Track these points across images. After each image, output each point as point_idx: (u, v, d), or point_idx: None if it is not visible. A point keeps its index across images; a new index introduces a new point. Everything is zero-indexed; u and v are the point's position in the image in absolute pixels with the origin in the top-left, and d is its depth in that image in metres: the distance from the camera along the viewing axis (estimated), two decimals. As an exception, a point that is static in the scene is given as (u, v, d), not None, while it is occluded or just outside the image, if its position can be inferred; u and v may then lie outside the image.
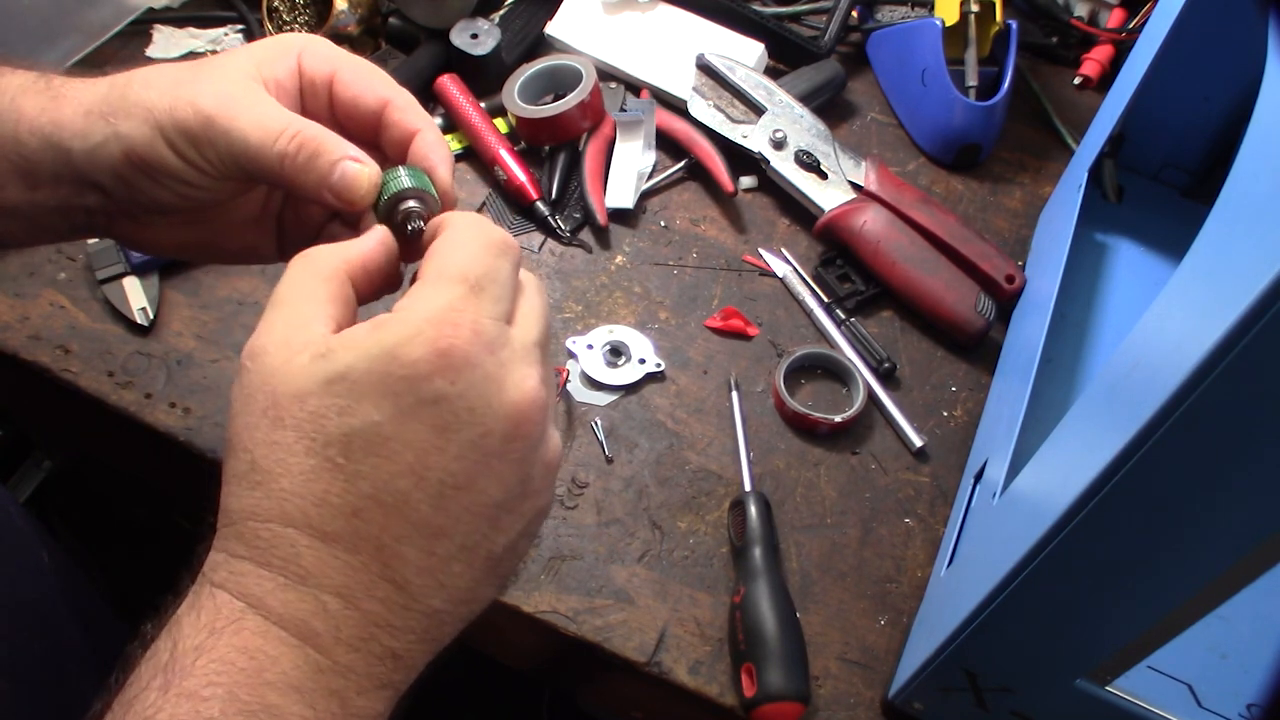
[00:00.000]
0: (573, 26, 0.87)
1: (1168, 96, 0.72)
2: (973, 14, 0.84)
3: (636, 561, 0.63)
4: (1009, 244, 0.82)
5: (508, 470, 0.38)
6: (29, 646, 0.52)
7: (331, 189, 0.44)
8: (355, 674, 0.36)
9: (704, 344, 0.73)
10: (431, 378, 0.36)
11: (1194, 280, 0.38)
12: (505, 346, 0.38)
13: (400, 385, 0.36)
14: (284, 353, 0.37)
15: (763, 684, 0.55)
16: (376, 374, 0.36)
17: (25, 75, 0.48)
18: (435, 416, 0.36)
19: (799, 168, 0.79)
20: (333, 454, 0.36)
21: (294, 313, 0.38)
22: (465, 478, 0.37)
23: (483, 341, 0.37)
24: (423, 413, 0.36)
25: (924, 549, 0.65)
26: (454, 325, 0.37)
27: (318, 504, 0.36)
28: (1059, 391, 0.66)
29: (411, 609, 0.37)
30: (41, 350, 0.66)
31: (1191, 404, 0.32)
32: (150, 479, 0.81)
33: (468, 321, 0.37)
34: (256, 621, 0.35)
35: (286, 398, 0.36)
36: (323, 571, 0.36)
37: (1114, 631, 0.43)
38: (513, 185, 0.77)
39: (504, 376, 0.37)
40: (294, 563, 0.36)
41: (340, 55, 0.48)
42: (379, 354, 0.36)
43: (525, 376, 0.38)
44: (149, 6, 0.85)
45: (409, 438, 0.36)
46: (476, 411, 0.37)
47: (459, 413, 0.36)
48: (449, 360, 0.36)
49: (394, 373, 0.36)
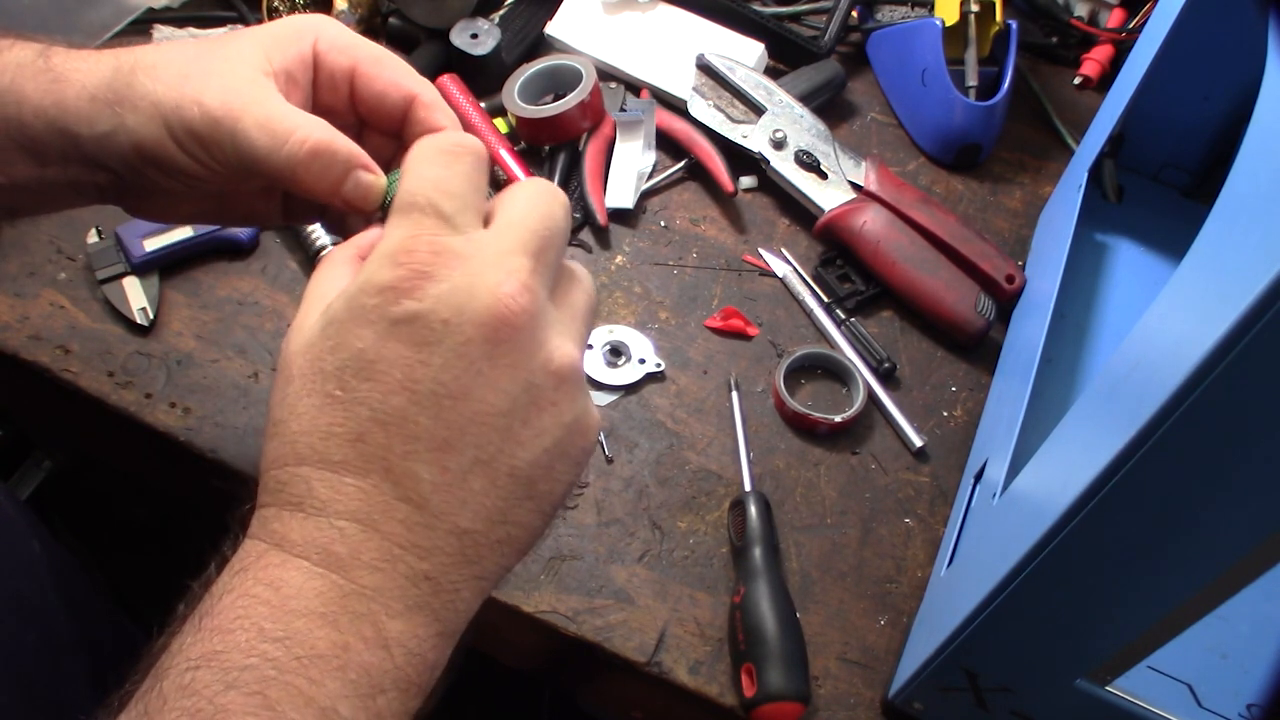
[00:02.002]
0: (573, 26, 0.87)
1: (1168, 96, 0.72)
2: (973, 14, 0.84)
3: (636, 561, 0.63)
4: (1009, 244, 0.82)
5: (502, 377, 0.37)
6: (21, 636, 0.52)
7: (343, 197, 0.45)
8: (383, 596, 0.36)
9: (704, 344, 0.73)
10: (399, 299, 0.37)
11: (1194, 280, 0.38)
12: (474, 255, 0.38)
13: (374, 312, 0.37)
14: (299, 324, 0.39)
15: (763, 684, 0.55)
16: (354, 307, 0.37)
17: (23, 50, 0.47)
18: (412, 333, 0.37)
19: (799, 168, 0.79)
20: (330, 388, 0.37)
21: (315, 297, 0.40)
22: (458, 387, 0.37)
23: (445, 255, 0.38)
24: (400, 331, 0.37)
25: (924, 549, 0.65)
26: (411, 247, 0.37)
27: (323, 437, 0.37)
28: (1059, 391, 0.66)
29: (436, 527, 0.37)
30: (41, 350, 0.66)
31: (1191, 404, 0.32)
32: (150, 479, 0.82)
33: (424, 241, 0.38)
34: (278, 555, 0.36)
35: (296, 355, 0.38)
36: (336, 499, 0.36)
37: (1114, 631, 0.43)
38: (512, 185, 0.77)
39: (474, 284, 0.37)
40: (309, 496, 0.36)
41: (359, 45, 0.48)
42: (354, 290, 0.38)
43: (500, 283, 0.37)
44: (149, 6, 0.85)
45: (392, 357, 0.37)
46: (450, 323, 0.37)
47: (433, 326, 0.37)
48: (412, 278, 0.37)
49: (367, 302, 0.37)
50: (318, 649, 0.34)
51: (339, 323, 0.38)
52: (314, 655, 0.34)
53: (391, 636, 0.36)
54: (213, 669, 0.33)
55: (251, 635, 0.34)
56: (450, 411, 0.37)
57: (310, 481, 0.37)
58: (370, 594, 0.36)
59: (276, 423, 0.38)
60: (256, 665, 0.33)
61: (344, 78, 0.47)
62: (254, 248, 0.72)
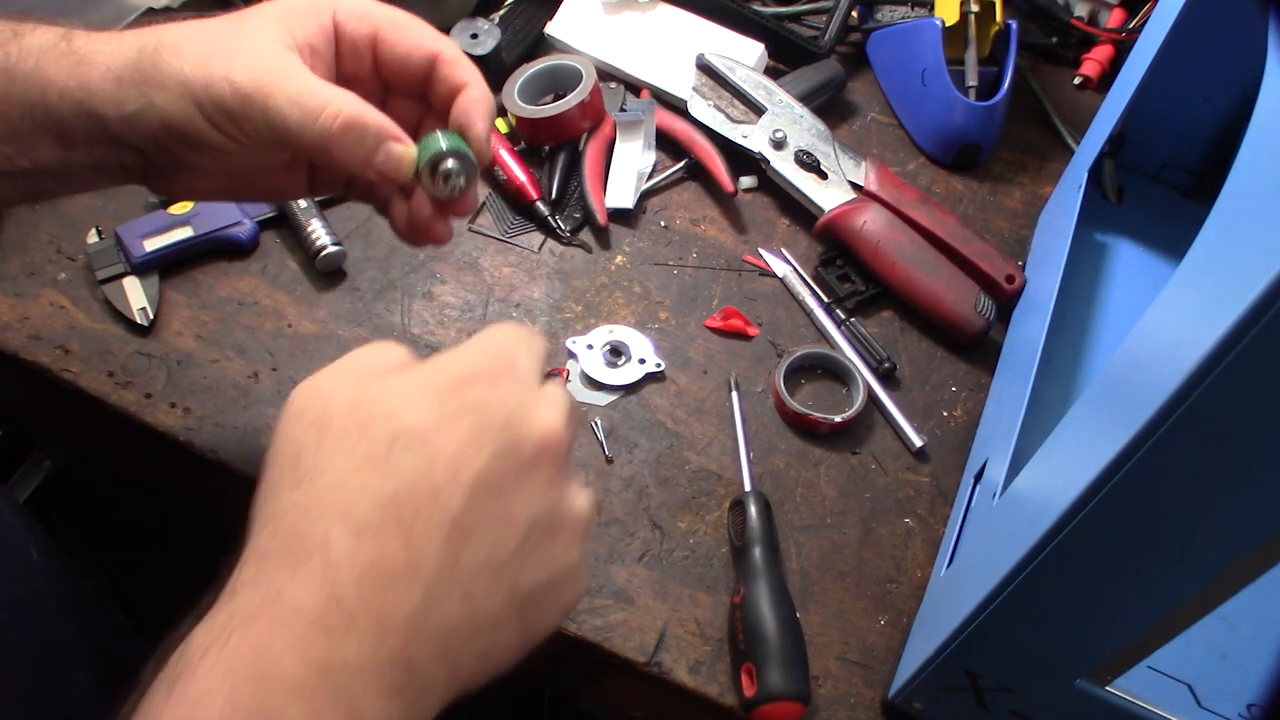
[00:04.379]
0: (573, 26, 0.87)
1: (1168, 96, 0.72)
2: (973, 14, 0.84)
3: (636, 561, 0.63)
4: (1009, 244, 0.82)
5: (534, 492, 0.39)
6: (19, 644, 0.52)
7: (376, 168, 0.46)
8: (363, 676, 0.35)
9: (704, 344, 0.73)
10: (474, 385, 0.39)
11: (1194, 280, 0.38)
12: (536, 389, 0.41)
13: (447, 392, 0.39)
14: (337, 381, 0.40)
15: (763, 684, 0.55)
16: (427, 382, 0.39)
17: (46, 34, 0.47)
18: (474, 421, 0.38)
19: (799, 168, 0.79)
20: (376, 450, 0.37)
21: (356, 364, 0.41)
22: (497, 483, 0.38)
23: (519, 374, 0.40)
24: (464, 417, 0.38)
25: (924, 549, 0.65)
26: (498, 353, 0.41)
27: (355, 495, 0.37)
28: (1059, 391, 0.66)
29: (430, 614, 0.37)
30: (41, 350, 0.66)
31: (1191, 404, 0.32)
32: (150, 479, 0.82)
33: (509, 356, 0.41)
34: (268, 617, 0.35)
35: (338, 410, 0.39)
36: (347, 560, 0.36)
37: (1114, 631, 0.43)
38: (513, 185, 0.77)
39: (535, 405, 0.40)
40: (322, 550, 0.36)
41: (378, 11, 0.48)
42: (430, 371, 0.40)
43: (553, 416, 0.40)
44: (149, 7, 0.85)
45: (449, 435, 0.38)
46: (511, 423, 0.39)
47: (495, 420, 0.38)
48: (490, 374, 0.40)
49: (441, 382, 0.39)
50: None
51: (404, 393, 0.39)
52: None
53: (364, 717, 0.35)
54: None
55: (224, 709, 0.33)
56: (483, 503, 0.38)
57: (330, 536, 0.36)
58: (352, 672, 0.35)
59: (304, 470, 0.38)
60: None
61: (366, 45, 0.48)
62: (254, 248, 0.72)
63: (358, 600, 0.35)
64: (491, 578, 0.38)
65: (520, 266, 0.75)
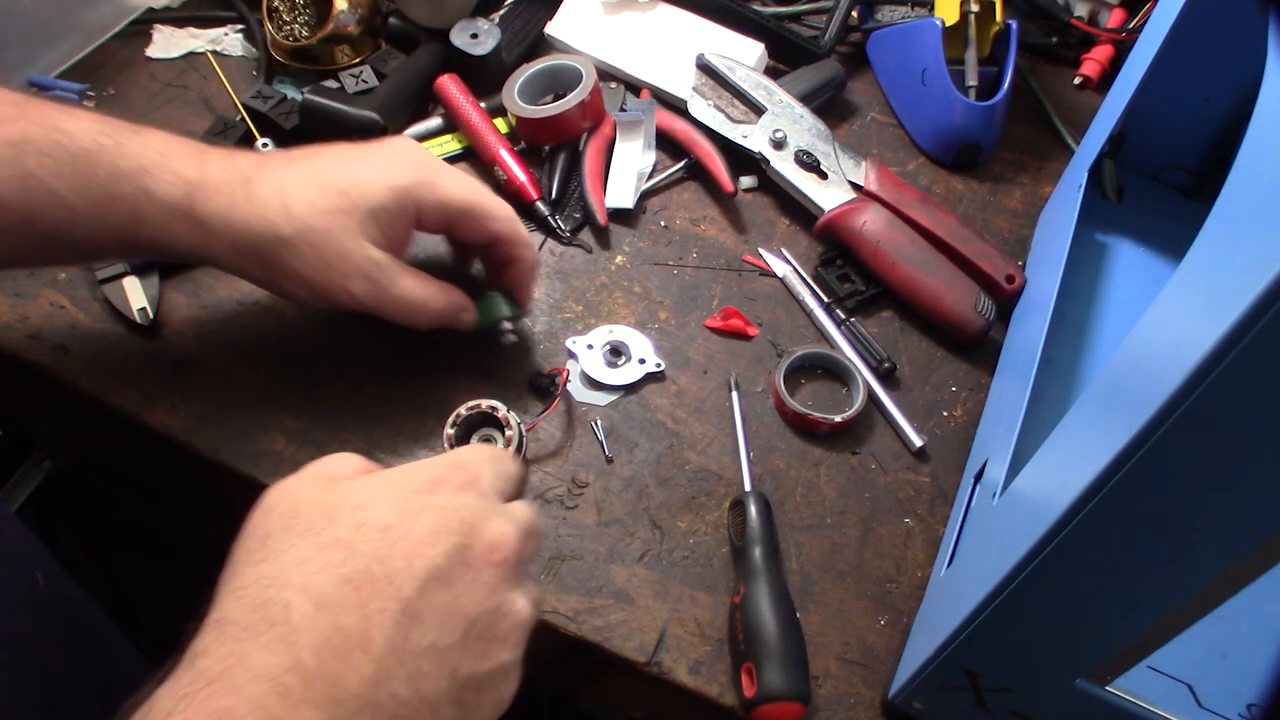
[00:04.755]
0: (573, 26, 0.87)
1: (1168, 96, 0.72)
2: (973, 14, 0.84)
3: (636, 561, 0.63)
4: (1009, 244, 0.82)
5: (481, 590, 0.43)
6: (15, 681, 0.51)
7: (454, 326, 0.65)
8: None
9: (704, 344, 0.73)
10: (435, 491, 0.45)
11: (1194, 280, 0.38)
12: (494, 502, 0.47)
13: (410, 493, 0.44)
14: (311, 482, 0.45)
15: (763, 684, 0.55)
16: (393, 484, 0.45)
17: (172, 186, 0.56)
18: (433, 520, 0.43)
19: (799, 168, 0.79)
20: (341, 535, 0.42)
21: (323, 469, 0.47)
22: (447, 575, 0.42)
23: (477, 487, 0.46)
24: (424, 515, 0.43)
25: (924, 549, 0.65)
26: (461, 468, 0.47)
27: (319, 570, 0.41)
28: (1059, 391, 0.66)
29: (379, 686, 0.40)
30: (41, 350, 0.66)
31: (1191, 404, 0.32)
32: (150, 479, 0.81)
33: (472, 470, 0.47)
34: (228, 683, 0.37)
35: (309, 503, 0.44)
36: (307, 628, 0.39)
37: (1114, 631, 0.43)
38: (513, 185, 0.77)
39: (490, 516, 0.45)
40: (283, 620, 0.39)
41: (453, 205, 0.62)
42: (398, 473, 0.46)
43: (504, 526, 0.45)
44: (149, 6, 0.85)
45: (408, 528, 0.43)
46: (465, 524, 0.44)
47: (450, 520, 0.44)
48: (452, 481, 0.46)
49: (406, 484, 0.45)
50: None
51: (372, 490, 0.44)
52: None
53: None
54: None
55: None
56: (432, 592, 0.42)
57: (290, 606, 0.39)
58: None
59: (271, 549, 0.42)
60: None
61: (441, 228, 0.64)
62: (254, 248, 0.72)
63: (315, 667, 0.38)
64: (436, 661, 0.41)
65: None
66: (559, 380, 0.66)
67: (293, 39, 0.82)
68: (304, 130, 0.77)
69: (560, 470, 0.66)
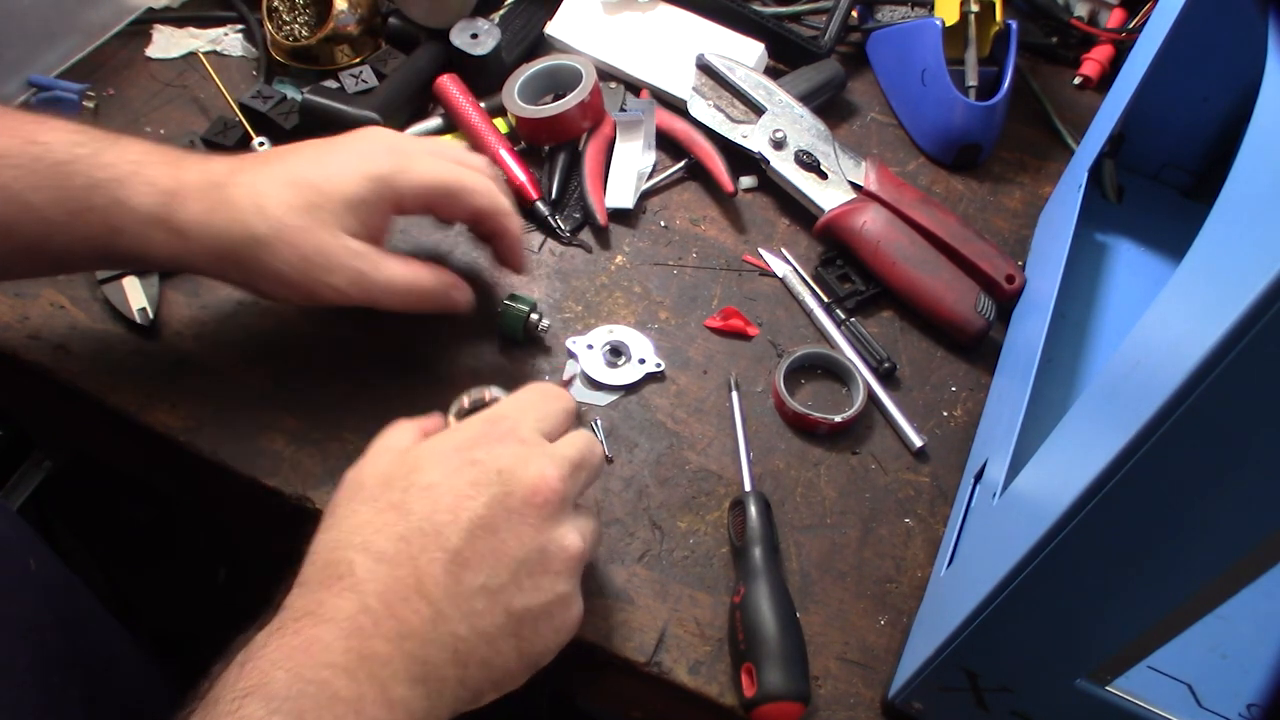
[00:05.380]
0: (573, 26, 0.87)
1: (1168, 96, 0.72)
2: (973, 14, 0.84)
3: (636, 561, 0.63)
4: (1009, 244, 0.82)
5: (525, 532, 0.48)
6: (12, 660, 0.51)
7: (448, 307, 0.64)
8: (392, 665, 0.43)
9: (704, 344, 0.73)
10: (473, 448, 0.49)
11: (1194, 280, 0.38)
12: (536, 445, 0.50)
13: (451, 453, 0.49)
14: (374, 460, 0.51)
15: (763, 684, 0.55)
16: (438, 448, 0.50)
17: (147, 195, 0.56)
18: (473, 474, 0.48)
19: (799, 168, 0.79)
20: (394, 498, 0.47)
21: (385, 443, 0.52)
22: (491, 524, 0.47)
23: (516, 436, 0.50)
24: (465, 470, 0.48)
25: (924, 549, 0.65)
26: (498, 422, 0.51)
27: (376, 531, 0.46)
28: (1059, 391, 0.66)
29: (439, 625, 0.45)
30: (41, 350, 0.66)
31: (1191, 404, 0.32)
32: (150, 479, 0.81)
33: (509, 423, 0.51)
34: (313, 620, 0.43)
35: (371, 476, 0.49)
36: (370, 580, 0.45)
37: (1114, 631, 0.43)
38: (513, 185, 0.77)
39: (529, 460, 0.49)
40: (349, 574, 0.45)
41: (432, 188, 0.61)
42: (442, 437, 0.51)
43: (545, 467, 0.49)
44: (149, 6, 0.85)
45: (450, 485, 0.47)
46: (502, 474, 0.48)
47: (489, 473, 0.48)
48: (491, 435, 0.50)
49: (448, 446, 0.50)
50: (341, 694, 0.41)
51: (421, 457, 0.49)
52: (338, 698, 0.41)
53: (395, 699, 0.43)
54: (258, 699, 0.40)
55: (290, 677, 0.41)
56: (478, 540, 0.46)
57: (354, 563, 0.45)
58: (382, 662, 0.43)
59: (338, 517, 0.48)
60: (295, 697, 0.40)
61: (422, 210, 0.63)
62: (254, 248, 0.72)
63: (381, 610, 0.44)
64: (488, 600, 0.46)
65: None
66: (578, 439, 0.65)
67: (293, 39, 0.82)
68: (304, 130, 0.77)
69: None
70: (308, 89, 0.78)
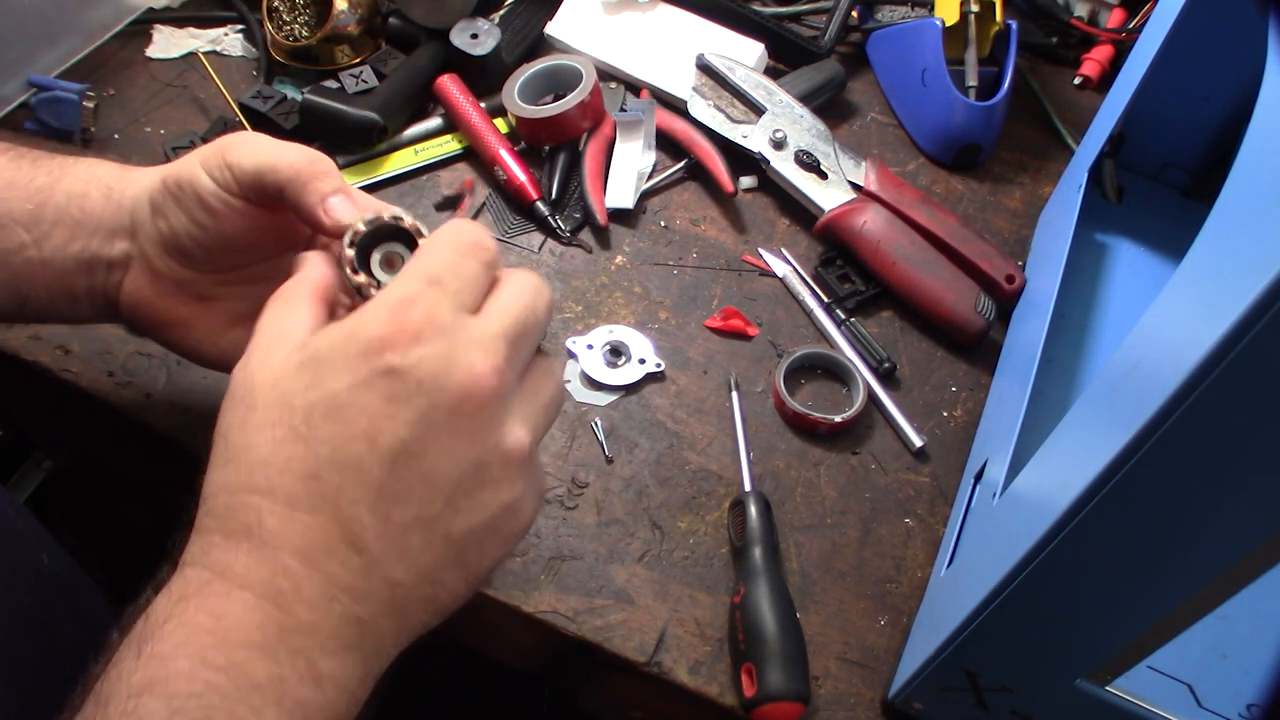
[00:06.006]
0: (573, 26, 0.87)
1: (1168, 96, 0.72)
2: (973, 14, 0.84)
3: (636, 561, 0.63)
4: (1009, 244, 0.82)
5: (458, 447, 0.39)
6: (27, 653, 0.52)
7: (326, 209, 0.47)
8: (319, 634, 0.37)
9: (704, 344, 0.73)
10: (384, 351, 0.39)
11: (1194, 280, 0.38)
12: (460, 332, 0.40)
13: (356, 359, 0.39)
14: (264, 356, 0.41)
15: (763, 684, 0.55)
16: (338, 351, 0.39)
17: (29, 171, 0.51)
18: (387, 386, 0.38)
19: (799, 168, 0.79)
20: (296, 423, 0.39)
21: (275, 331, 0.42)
22: (416, 445, 0.38)
23: (435, 325, 0.39)
24: (376, 383, 0.39)
25: (924, 549, 0.65)
26: (408, 309, 0.39)
27: (280, 470, 0.38)
28: (1059, 391, 0.66)
29: (372, 574, 0.38)
30: (41, 350, 0.66)
31: (1191, 404, 0.32)
32: (150, 479, 0.81)
33: (422, 307, 0.40)
34: (221, 585, 0.37)
35: (263, 386, 0.40)
36: (284, 533, 0.38)
37: (1114, 631, 0.43)
38: (513, 185, 0.77)
39: (454, 357, 0.39)
40: (258, 527, 0.38)
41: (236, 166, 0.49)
42: (341, 336, 0.40)
43: (475, 361, 0.39)
44: (149, 6, 0.85)
45: (363, 404, 0.38)
46: (424, 384, 0.39)
47: (408, 384, 0.38)
48: (401, 337, 0.39)
49: (352, 348, 0.39)
50: (257, 680, 0.36)
51: (319, 362, 0.39)
52: (254, 685, 0.36)
53: (324, 673, 0.37)
54: (157, 696, 0.34)
55: (195, 664, 0.35)
56: (403, 467, 0.38)
57: (261, 512, 0.38)
58: (307, 630, 0.37)
59: (232, 448, 0.39)
60: (201, 693, 0.35)
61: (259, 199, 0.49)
62: (254, 248, 0.72)
63: (301, 569, 0.37)
64: (424, 533, 0.39)
65: (520, 266, 0.75)
66: (465, 184, 0.59)
67: (293, 39, 0.82)
68: (304, 130, 0.77)
69: (560, 470, 0.66)
70: (308, 89, 0.78)
